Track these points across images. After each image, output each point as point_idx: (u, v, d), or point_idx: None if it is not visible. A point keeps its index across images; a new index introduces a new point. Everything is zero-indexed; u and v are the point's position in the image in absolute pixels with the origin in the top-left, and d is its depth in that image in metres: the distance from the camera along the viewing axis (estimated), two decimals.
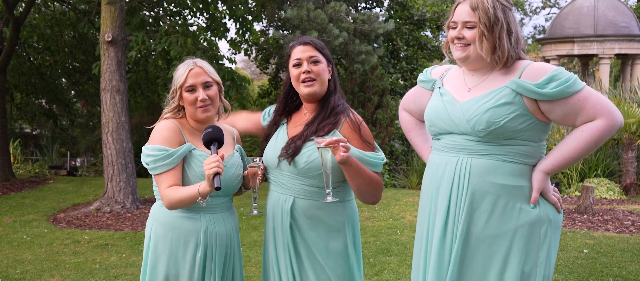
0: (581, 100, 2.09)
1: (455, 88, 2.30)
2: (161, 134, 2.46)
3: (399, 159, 12.98)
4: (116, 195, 8.07)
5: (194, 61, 2.53)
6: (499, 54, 2.17)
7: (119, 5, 8.08)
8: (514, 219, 2.15)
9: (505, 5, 2.18)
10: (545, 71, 2.12)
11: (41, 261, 5.69)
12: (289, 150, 2.43)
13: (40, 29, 12.56)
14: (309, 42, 2.52)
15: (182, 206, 2.42)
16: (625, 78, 16.38)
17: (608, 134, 2.09)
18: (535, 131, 2.17)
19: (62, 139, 16.79)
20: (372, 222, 7.11)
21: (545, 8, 30.85)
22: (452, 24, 2.24)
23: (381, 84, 11.60)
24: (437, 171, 2.30)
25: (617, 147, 10.05)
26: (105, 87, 8.14)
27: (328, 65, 2.52)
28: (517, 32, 2.19)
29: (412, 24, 15.87)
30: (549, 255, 2.18)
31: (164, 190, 2.42)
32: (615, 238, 6.09)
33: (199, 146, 2.49)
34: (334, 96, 2.50)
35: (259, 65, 16.03)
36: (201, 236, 2.47)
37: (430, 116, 2.33)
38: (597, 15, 15.56)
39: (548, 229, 2.17)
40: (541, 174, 2.17)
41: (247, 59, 19.16)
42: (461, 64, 2.29)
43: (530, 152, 2.18)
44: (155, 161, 2.41)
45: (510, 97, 2.14)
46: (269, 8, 10.19)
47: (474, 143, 2.19)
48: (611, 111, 2.09)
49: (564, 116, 2.13)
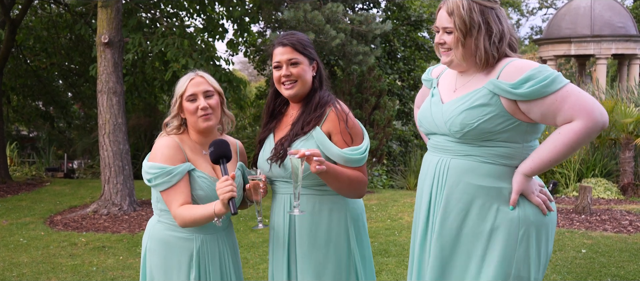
0: (559, 100, 2.03)
1: (445, 88, 2.32)
2: (162, 152, 2.43)
3: (397, 160, 12.98)
4: (113, 197, 8.05)
5: (196, 72, 2.52)
6: (479, 56, 2.15)
7: (115, 7, 8.06)
8: (490, 220, 2.14)
9: (484, 6, 2.14)
10: (523, 70, 2.07)
11: (38, 263, 5.67)
12: (278, 153, 2.40)
13: (37, 31, 12.52)
14: (287, 42, 2.44)
15: (196, 225, 2.40)
16: (622, 78, 16.42)
17: (586, 135, 2.01)
18: (517, 132, 2.13)
19: (58, 141, 16.74)
20: (370, 223, 7.10)
21: (542, 9, 30.93)
22: (435, 28, 2.26)
23: (378, 85, 11.60)
24: (423, 170, 2.35)
25: (614, 147, 10.07)
26: (102, 89, 8.12)
27: (310, 63, 2.47)
28: (500, 30, 2.15)
29: (409, 25, 15.88)
30: (527, 257, 2.14)
31: (176, 209, 2.39)
32: (613, 238, 6.09)
33: (199, 165, 2.46)
34: (319, 92, 2.46)
35: (257, 66, 16.02)
36: (194, 256, 2.45)
37: (419, 117, 2.39)
38: (593, 16, 15.60)
39: (528, 230, 2.14)
40: (520, 176, 2.13)
41: (245, 60, 19.16)
42: (448, 67, 2.31)
43: (511, 154, 2.15)
44: (155, 177, 2.40)
45: (486, 99, 2.11)
46: (266, 9, 10.18)
47: (454, 143, 2.20)
48: (590, 111, 2.00)
49: (543, 117, 2.07)
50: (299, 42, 2.45)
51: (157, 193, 2.47)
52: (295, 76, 2.43)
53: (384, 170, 11.56)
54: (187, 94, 2.46)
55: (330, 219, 2.43)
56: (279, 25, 10.55)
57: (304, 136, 2.39)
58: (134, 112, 14.12)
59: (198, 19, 11.45)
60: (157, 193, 2.48)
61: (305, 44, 2.46)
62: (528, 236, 2.14)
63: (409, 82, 15.54)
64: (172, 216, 2.42)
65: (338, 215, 2.44)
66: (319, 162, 2.21)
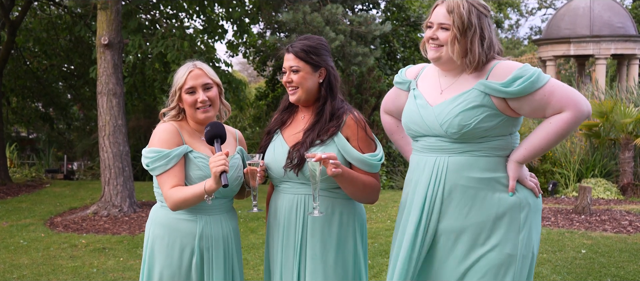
0: (547, 94, 2.19)
1: (429, 89, 2.37)
2: (159, 136, 2.46)
3: (397, 160, 12.99)
4: (113, 199, 8.05)
5: (194, 63, 2.53)
6: (470, 58, 2.25)
7: (115, 8, 8.07)
8: (495, 207, 2.25)
9: (481, 12, 2.26)
10: (510, 70, 2.21)
11: (38, 265, 5.67)
12: (293, 160, 2.42)
13: (36, 32, 12.53)
14: (291, 49, 2.46)
15: (186, 206, 2.41)
16: (622, 78, 16.43)
17: (574, 124, 2.19)
18: (506, 126, 2.27)
19: (58, 143, 16.75)
20: (370, 224, 7.11)
21: (541, 9, 30.97)
22: (428, 23, 2.31)
23: (378, 85, 11.62)
24: (416, 170, 2.38)
25: (614, 147, 10.07)
26: (102, 90, 8.12)
27: (315, 70, 2.46)
28: (490, 38, 2.27)
29: (409, 26, 15.89)
30: (529, 237, 2.28)
31: (167, 191, 2.41)
32: (613, 238, 6.09)
33: (197, 148, 2.49)
34: (331, 102, 2.47)
35: (256, 67, 16.04)
36: (196, 238, 2.47)
37: (406, 121, 2.41)
38: (593, 16, 15.61)
39: (528, 213, 2.28)
40: (514, 164, 2.27)
41: (245, 61, 19.16)
42: (434, 63, 2.36)
43: (502, 145, 2.29)
44: (153, 161, 2.42)
45: (479, 100, 2.22)
46: (266, 10, 10.19)
47: (449, 143, 2.28)
48: (577, 102, 2.17)
49: (533, 111, 2.22)
50: (303, 49, 2.45)
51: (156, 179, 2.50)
52: (295, 83, 2.46)
53: (384, 171, 11.57)
54: (186, 87, 2.48)
55: (341, 222, 2.47)
56: (278, 27, 10.56)
57: (323, 144, 2.42)
58: (134, 114, 14.13)
59: (198, 20, 11.47)
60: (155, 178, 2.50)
61: (310, 51, 2.46)
62: (530, 218, 2.29)
63: None
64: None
65: (347, 218, 2.49)
66: (335, 165, 2.27)
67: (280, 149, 2.50)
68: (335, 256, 2.45)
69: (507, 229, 2.24)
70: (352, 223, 2.50)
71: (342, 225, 2.47)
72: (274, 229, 2.55)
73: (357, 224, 2.52)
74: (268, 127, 2.63)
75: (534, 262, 2.34)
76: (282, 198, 2.51)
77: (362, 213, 2.57)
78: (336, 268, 2.45)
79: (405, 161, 12.57)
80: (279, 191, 2.54)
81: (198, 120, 2.52)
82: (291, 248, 2.48)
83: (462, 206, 2.26)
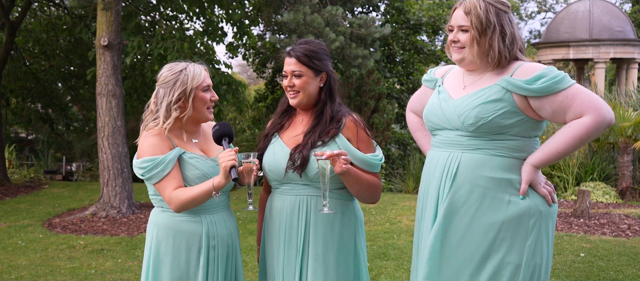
0: (569, 97, 2.15)
1: (452, 86, 2.39)
2: (149, 142, 2.43)
3: (396, 163, 12.99)
4: (112, 200, 8.04)
5: (202, 63, 2.54)
6: (492, 55, 2.25)
7: (114, 9, 8.07)
8: (503, 210, 2.22)
9: (500, 9, 2.25)
10: (536, 69, 2.21)
11: (36, 266, 5.66)
12: (295, 162, 2.42)
13: (36, 33, 12.54)
14: (293, 54, 2.46)
15: (193, 206, 2.40)
16: (621, 82, 16.45)
17: (595, 130, 2.13)
18: (525, 127, 2.24)
19: (57, 144, 16.74)
20: (368, 226, 7.10)
21: (540, 13, 30.99)
22: (449, 27, 2.34)
23: (378, 88, 11.62)
24: (430, 166, 2.39)
25: (613, 151, 10.08)
26: (101, 91, 8.12)
27: (317, 75, 2.47)
28: (512, 34, 2.26)
29: (409, 29, 15.91)
30: (538, 245, 2.24)
31: (170, 194, 2.39)
32: (612, 242, 6.09)
33: (190, 149, 2.48)
34: (330, 105, 2.49)
35: (256, 69, 16.05)
36: (203, 238, 2.46)
37: (426, 113, 2.43)
38: (592, 20, 15.62)
39: (537, 220, 2.24)
40: (530, 167, 2.24)
41: (244, 63, 19.17)
42: (458, 65, 2.38)
43: (520, 147, 2.25)
44: (148, 170, 2.40)
45: (499, 95, 2.21)
46: (266, 12, 10.19)
47: (465, 138, 2.27)
48: (599, 108, 2.13)
49: (554, 113, 2.19)
50: (305, 54, 2.45)
51: (152, 187, 2.47)
52: (297, 87, 2.47)
53: (383, 173, 11.57)
54: (204, 85, 2.48)
55: (342, 222, 2.49)
56: (278, 28, 10.57)
57: (324, 145, 2.43)
58: (133, 115, 14.11)
59: (197, 22, 11.48)
60: (152, 187, 2.48)
61: (312, 55, 2.46)
62: (538, 225, 2.24)
63: (408, 86, 15.55)
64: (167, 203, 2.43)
65: (348, 218, 2.51)
66: (346, 161, 2.28)
67: (280, 151, 2.50)
68: (337, 257, 2.47)
69: (514, 235, 2.21)
70: (352, 224, 2.52)
71: (343, 226, 2.49)
72: (273, 231, 2.55)
73: (358, 224, 2.55)
74: (266, 130, 2.64)
75: (545, 273, 2.28)
76: (283, 200, 2.51)
77: (360, 214, 2.59)
78: (338, 268, 2.47)
79: (404, 164, 12.57)
80: (278, 193, 2.54)
81: (206, 119, 2.51)
82: (293, 249, 2.48)
83: (469, 204, 2.25)
